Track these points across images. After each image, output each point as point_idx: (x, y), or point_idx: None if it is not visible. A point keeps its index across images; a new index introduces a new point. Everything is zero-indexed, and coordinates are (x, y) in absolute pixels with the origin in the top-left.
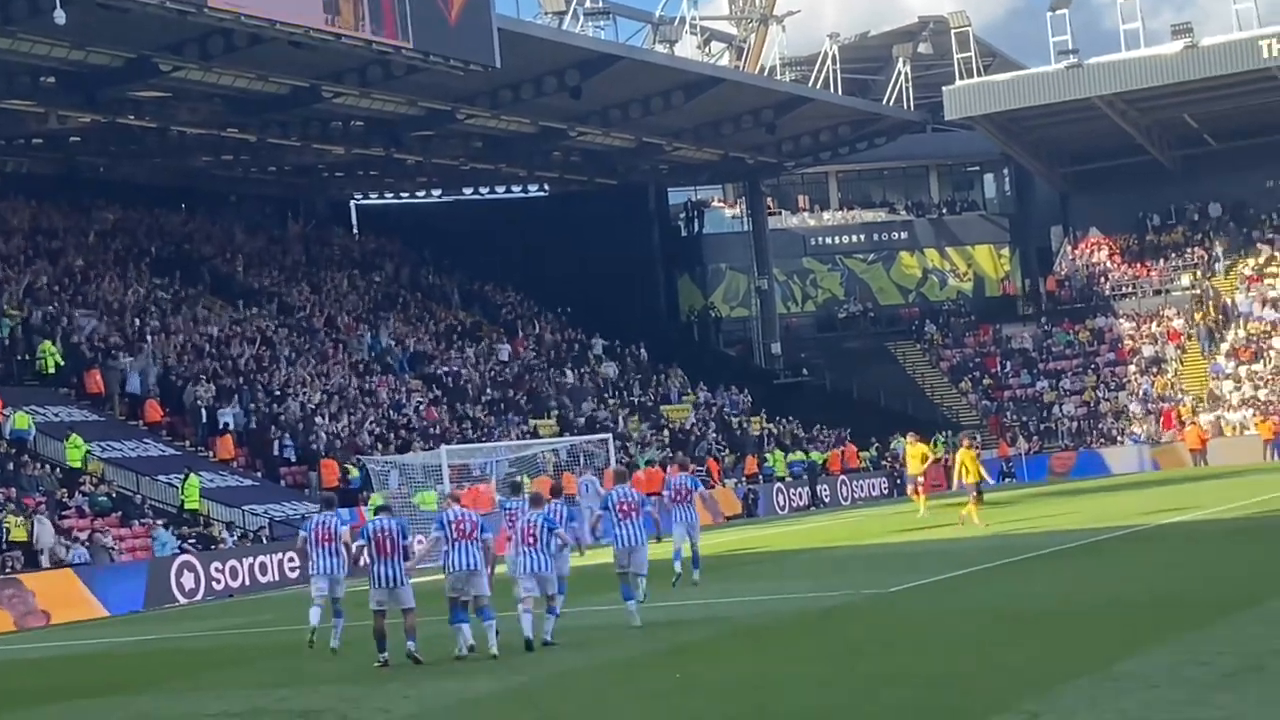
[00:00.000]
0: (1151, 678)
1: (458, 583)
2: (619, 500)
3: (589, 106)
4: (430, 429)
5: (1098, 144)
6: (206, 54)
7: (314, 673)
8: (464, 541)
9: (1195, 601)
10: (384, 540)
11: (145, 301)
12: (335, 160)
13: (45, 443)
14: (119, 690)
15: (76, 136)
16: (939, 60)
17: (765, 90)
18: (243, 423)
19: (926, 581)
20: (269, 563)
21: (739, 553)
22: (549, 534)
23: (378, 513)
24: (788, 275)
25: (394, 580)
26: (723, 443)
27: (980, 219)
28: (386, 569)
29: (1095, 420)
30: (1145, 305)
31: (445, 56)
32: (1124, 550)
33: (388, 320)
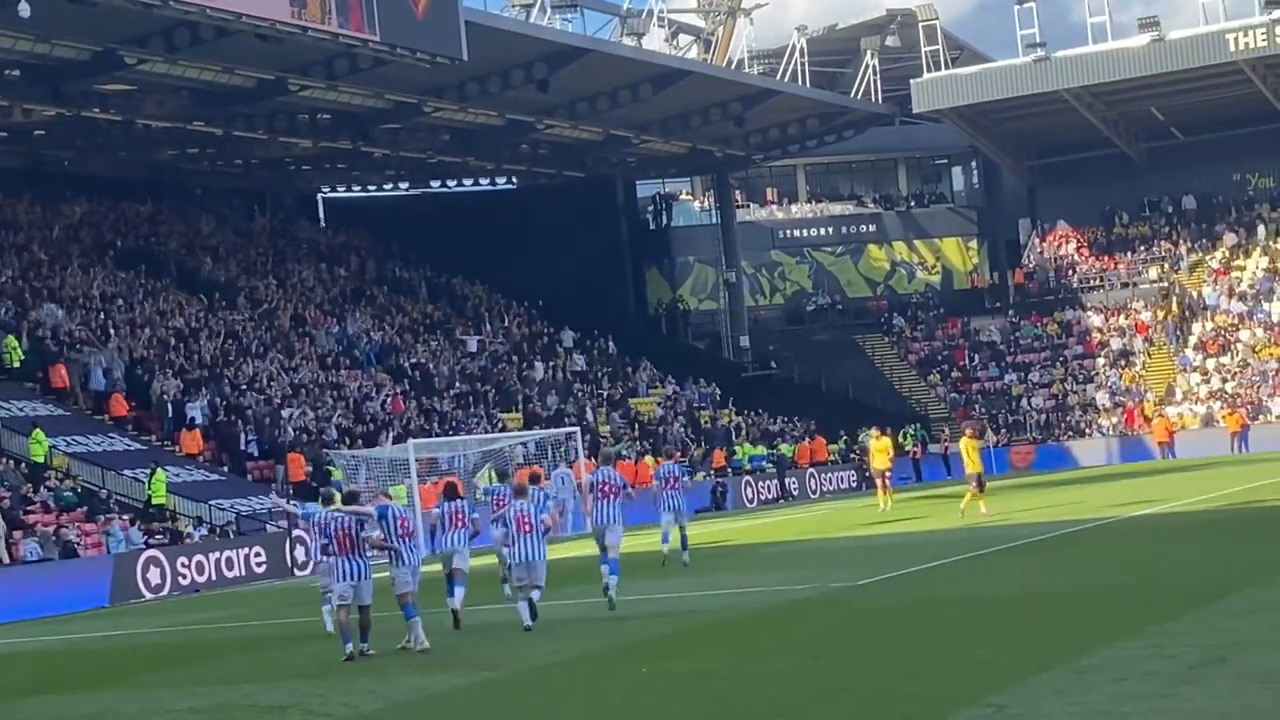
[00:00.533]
0: (1119, 671)
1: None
2: (602, 481)
3: (557, 99)
4: (398, 422)
5: (1065, 137)
6: (172, 47)
7: (280, 668)
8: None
9: (1163, 594)
10: (344, 537)
11: (111, 295)
12: (302, 153)
13: (10, 438)
14: (83, 686)
15: (41, 130)
16: (907, 53)
17: (733, 83)
18: (209, 417)
19: (894, 575)
20: (235, 558)
21: (708, 545)
22: (540, 522)
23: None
24: (756, 268)
25: (356, 573)
26: (691, 436)
27: (948, 212)
28: (348, 564)
29: (1064, 413)
30: (1113, 298)
31: (412, 49)
32: (1092, 543)
33: (355, 313)
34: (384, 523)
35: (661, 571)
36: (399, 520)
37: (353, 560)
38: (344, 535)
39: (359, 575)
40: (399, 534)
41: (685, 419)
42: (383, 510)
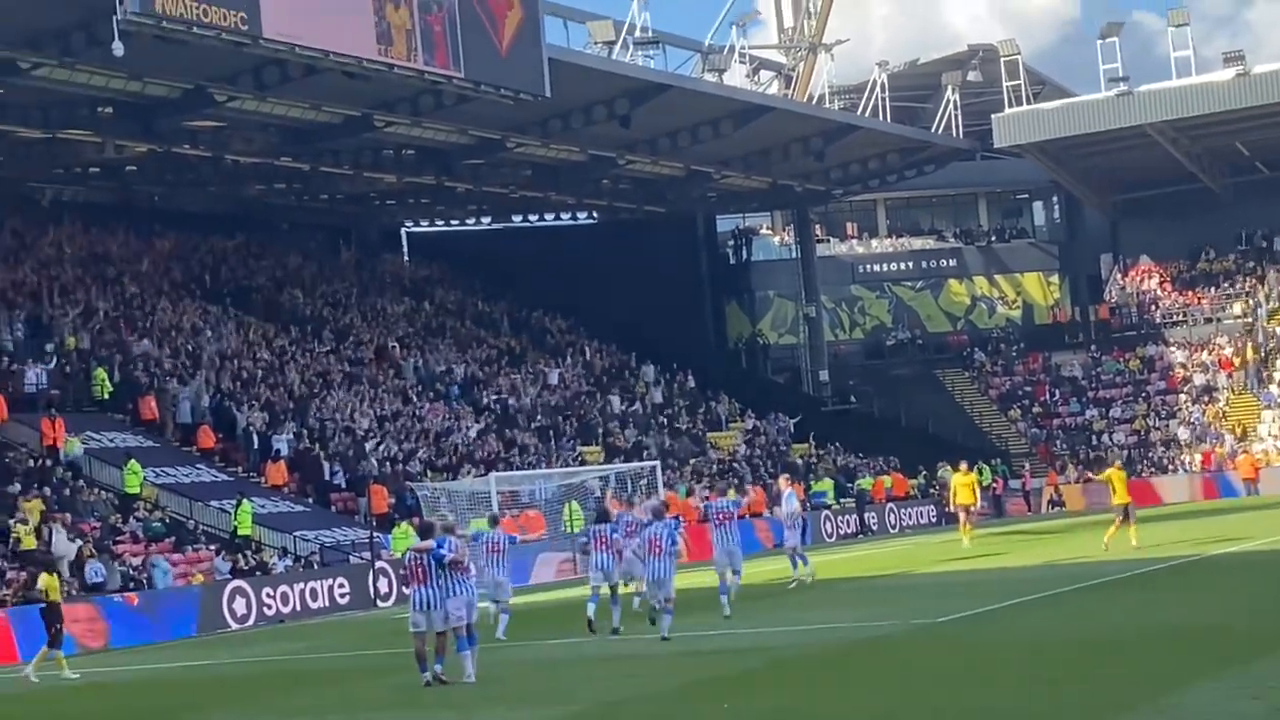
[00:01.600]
0: (1202, 711)
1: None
2: (717, 511)
3: (638, 135)
4: (479, 455)
5: (1148, 171)
6: (261, 84)
7: (365, 700)
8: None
9: (1247, 634)
10: (417, 567)
11: (199, 328)
12: (387, 188)
13: (100, 468)
14: (173, 715)
15: (133, 165)
16: (988, 88)
17: (814, 118)
18: (294, 448)
19: (974, 612)
20: (319, 588)
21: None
22: (672, 545)
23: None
24: (836, 302)
25: (431, 604)
26: (770, 470)
27: (1029, 246)
28: (424, 593)
29: (1146, 449)
30: (1196, 333)
31: (496, 86)
32: (1175, 581)
33: (438, 346)
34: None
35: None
36: (455, 551)
37: (425, 589)
38: (417, 565)
39: (432, 604)
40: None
41: (764, 453)
42: (440, 542)
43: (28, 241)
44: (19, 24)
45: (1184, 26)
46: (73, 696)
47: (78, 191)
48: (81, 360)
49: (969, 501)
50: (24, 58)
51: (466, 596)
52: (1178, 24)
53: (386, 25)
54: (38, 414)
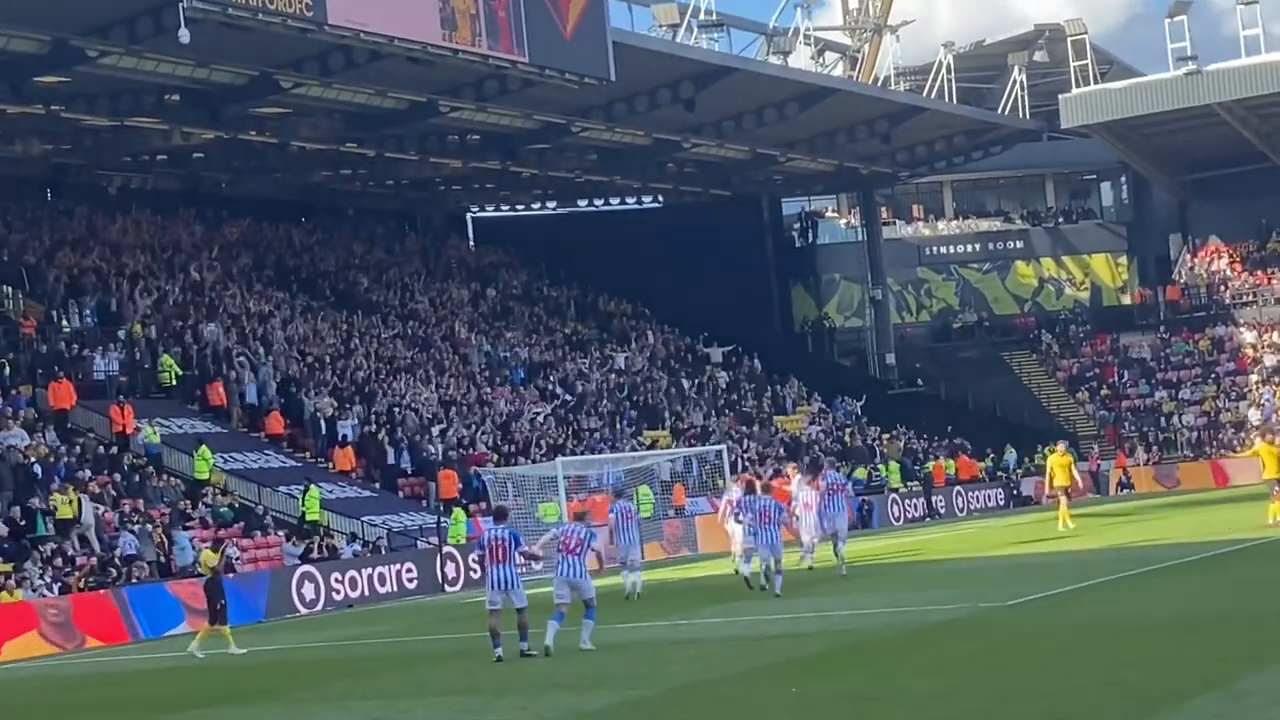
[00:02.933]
0: (1277, 694)
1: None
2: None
3: (703, 118)
4: (546, 439)
5: (1217, 151)
6: (327, 70)
7: (434, 684)
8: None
9: None
10: (498, 547)
11: (267, 314)
12: (452, 174)
13: (169, 454)
14: (241, 700)
15: (200, 153)
16: (1055, 68)
17: (879, 100)
18: (361, 434)
19: (1043, 595)
20: (388, 573)
21: (854, 564)
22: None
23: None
24: (902, 285)
25: (508, 583)
26: (837, 453)
27: (1097, 227)
28: (500, 572)
29: (1215, 431)
30: (1267, 314)
31: (560, 70)
32: (1243, 564)
33: (504, 331)
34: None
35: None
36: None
37: (503, 569)
38: (497, 545)
39: (508, 584)
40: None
41: (831, 436)
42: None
43: (96, 229)
44: (87, 12)
45: (1253, 4)
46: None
47: (145, 179)
48: (150, 347)
49: (1066, 483)
50: (92, 46)
51: (569, 576)
52: (1247, 2)
53: (451, 10)
54: (107, 400)
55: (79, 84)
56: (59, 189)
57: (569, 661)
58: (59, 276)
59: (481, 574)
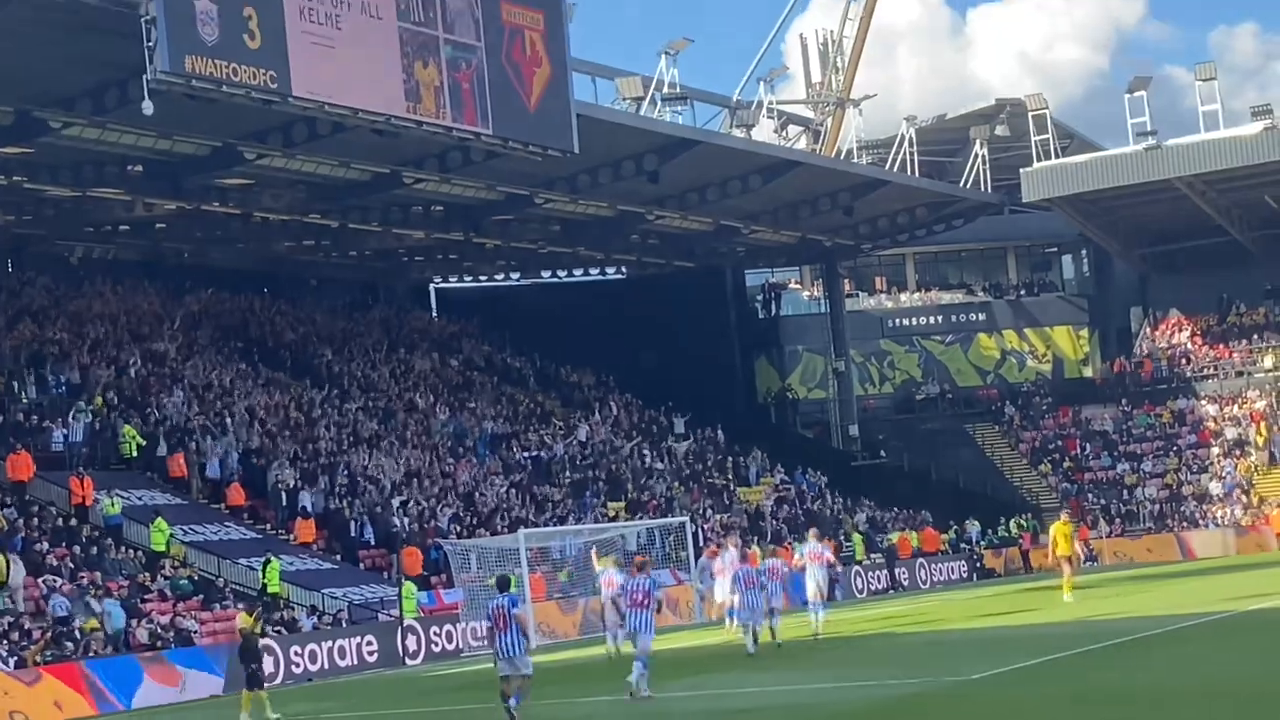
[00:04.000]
0: None
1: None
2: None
3: (667, 190)
4: (509, 510)
5: (1177, 225)
6: (290, 141)
7: None
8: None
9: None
10: (499, 615)
11: (229, 384)
12: (415, 244)
13: (129, 526)
14: None
15: (162, 223)
16: (1016, 142)
17: (842, 173)
18: (323, 505)
19: (1009, 669)
20: (348, 646)
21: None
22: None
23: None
24: (865, 357)
25: (511, 649)
26: (800, 525)
27: (1059, 300)
28: (504, 640)
29: (1178, 503)
30: (1228, 387)
31: (524, 142)
32: (1208, 638)
33: (467, 402)
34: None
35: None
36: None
37: (506, 636)
38: (499, 614)
39: (512, 650)
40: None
41: (793, 508)
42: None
43: (58, 299)
44: (51, 84)
45: (1211, 81)
46: None
47: (107, 249)
48: (110, 418)
49: (1069, 551)
50: (55, 117)
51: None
52: (1205, 78)
53: (415, 83)
54: (66, 472)
55: (42, 155)
56: (20, 259)
57: None
58: (19, 347)
59: (489, 643)
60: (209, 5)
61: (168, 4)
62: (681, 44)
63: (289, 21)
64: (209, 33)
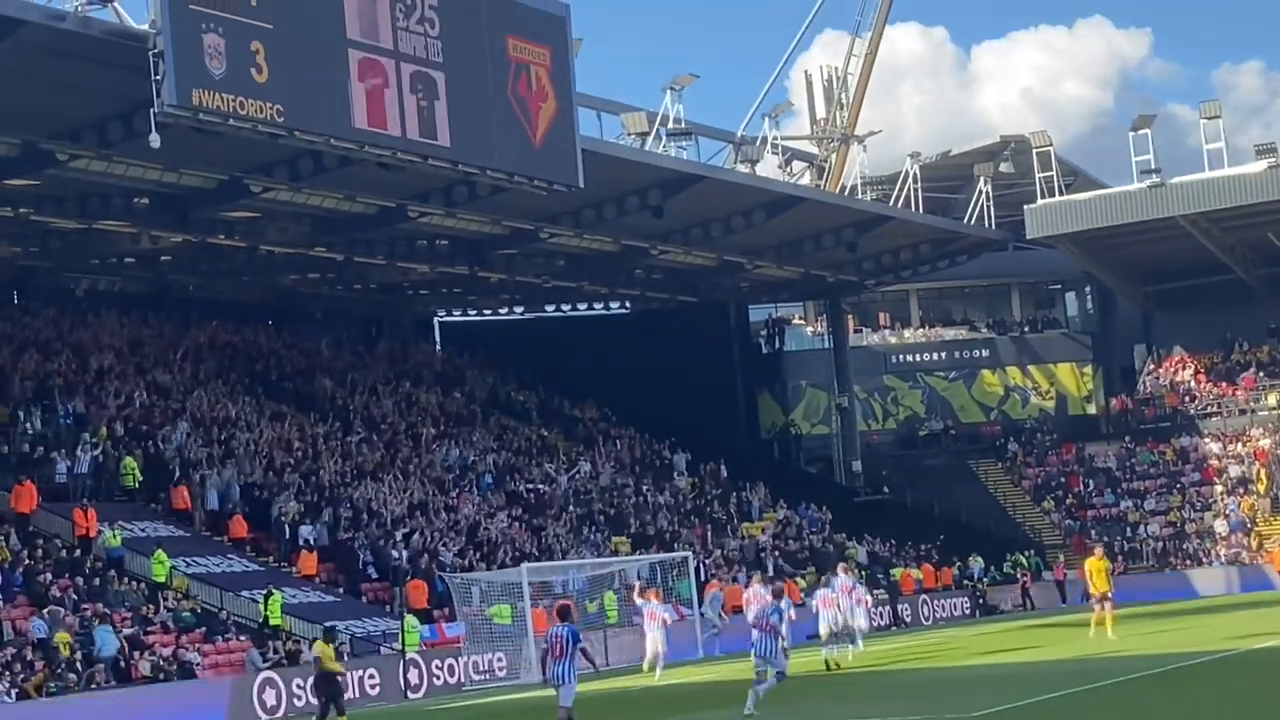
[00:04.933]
0: None
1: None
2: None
3: (671, 225)
4: (512, 545)
5: (1181, 262)
6: (296, 175)
7: None
8: None
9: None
10: (557, 643)
11: (233, 417)
12: (420, 278)
13: (132, 558)
14: None
15: (168, 256)
16: (1020, 179)
17: (846, 209)
18: (325, 538)
19: (1010, 706)
20: (349, 679)
21: (821, 674)
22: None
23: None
24: (868, 393)
25: (560, 678)
26: (804, 561)
27: (1062, 337)
28: (555, 668)
29: (1181, 541)
30: (1231, 425)
31: (530, 177)
32: (1211, 676)
33: (470, 436)
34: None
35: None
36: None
37: (559, 665)
38: (557, 641)
39: (562, 679)
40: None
41: (797, 543)
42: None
43: (63, 331)
44: (58, 116)
45: (1216, 119)
46: None
47: (113, 281)
48: (114, 450)
49: (1106, 588)
50: (62, 149)
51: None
52: (1210, 116)
53: (419, 117)
54: (69, 503)
55: (48, 187)
56: (26, 290)
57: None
58: (24, 379)
59: (542, 670)
60: (217, 39)
61: (175, 37)
62: (687, 80)
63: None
64: (216, 66)
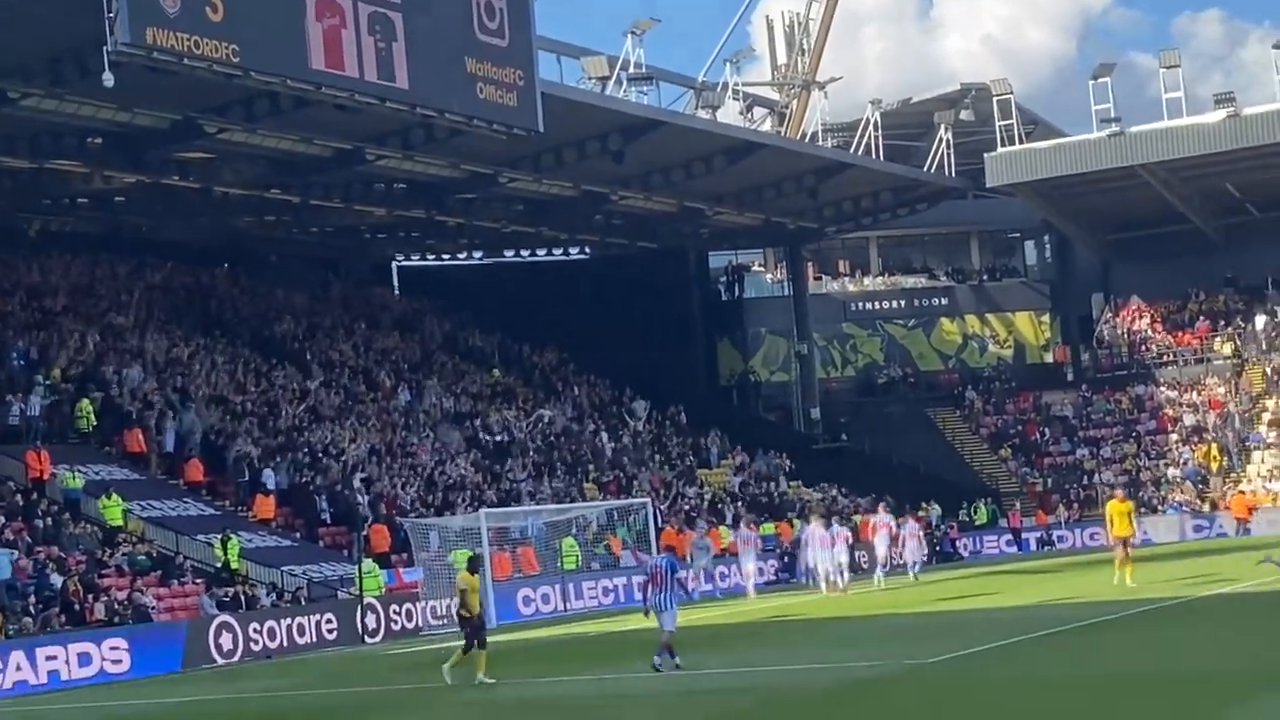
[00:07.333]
0: None
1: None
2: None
3: (631, 171)
4: (470, 490)
5: (1140, 212)
6: (252, 116)
7: None
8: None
9: (1239, 676)
10: (657, 573)
11: (188, 360)
12: (377, 221)
13: (87, 501)
14: None
15: (122, 196)
16: (981, 127)
17: (807, 156)
18: (283, 483)
19: (967, 652)
20: (307, 624)
21: (778, 620)
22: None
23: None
24: (828, 340)
25: (660, 606)
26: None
27: (1021, 286)
28: (657, 597)
29: (1136, 489)
30: (1187, 374)
31: (488, 120)
32: (1167, 622)
33: (428, 381)
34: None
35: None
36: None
37: (660, 594)
38: (656, 572)
39: (662, 606)
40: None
41: (755, 490)
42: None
43: (15, 273)
44: (9, 53)
45: (1175, 68)
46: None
47: (66, 222)
48: (68, 392)
49: (1127, 533)
50: (13, 88)
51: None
52: (1169, 65)
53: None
54: (22, 446)
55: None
56: None
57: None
58: None
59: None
60: None
61: None
62: (648, 24)
63: None
64: (170, 4)
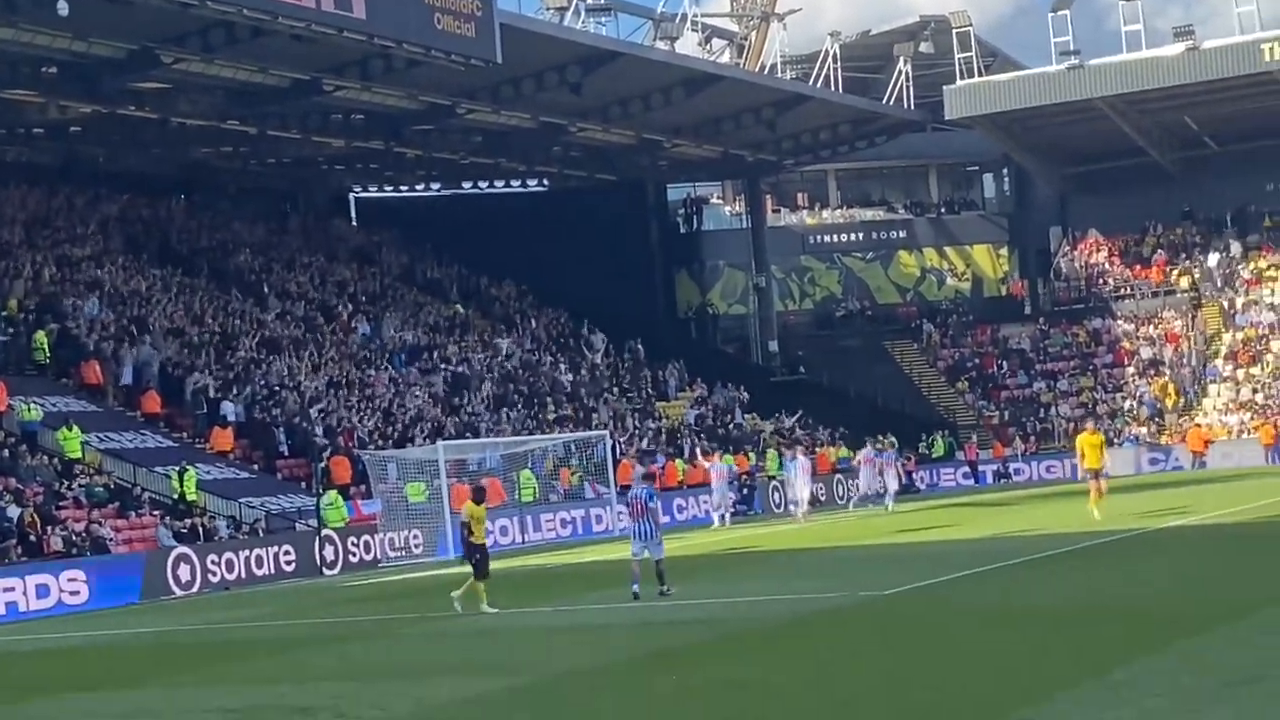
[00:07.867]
0: (1149, 686)
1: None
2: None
3: (590, 102)
4: (428, 422)
5: (1098, 145)
6: (208, 46)
7: (311, 668)
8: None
9: (1194, 608)
10: (636, 504)
11: (145, 292)
12: (335, 153)
13: (44, 434)
14: (116, 684)
15: (77, 127)
16: (940, 59)
17: (765, 88)
18: (241, 415)
19: (922, 584)
20: (265, 556)
21: (735, 552)
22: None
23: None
24: (786, 273)
25: (647, 535)
26: (718, 440)
27: (979, 219)
28: (640, 527)
29: (1094, 421)
30: (1144, 307)
31: (446, 51)
32: (1120, 555)
33: (386, 313)
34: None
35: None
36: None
37: (642, 523)
38: (636, 502)
39: (645, 536)
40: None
41: (713, 422)
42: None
43: None
44: None
45: (1135, 1)
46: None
47: (20, 152)
48: (25, 324)
49: (1097, 465)
50: None
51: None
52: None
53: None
54: None
55: None
56: None
57: (451, 646)
58: None
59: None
60: None
61: None
62: None
63: None
64: None
